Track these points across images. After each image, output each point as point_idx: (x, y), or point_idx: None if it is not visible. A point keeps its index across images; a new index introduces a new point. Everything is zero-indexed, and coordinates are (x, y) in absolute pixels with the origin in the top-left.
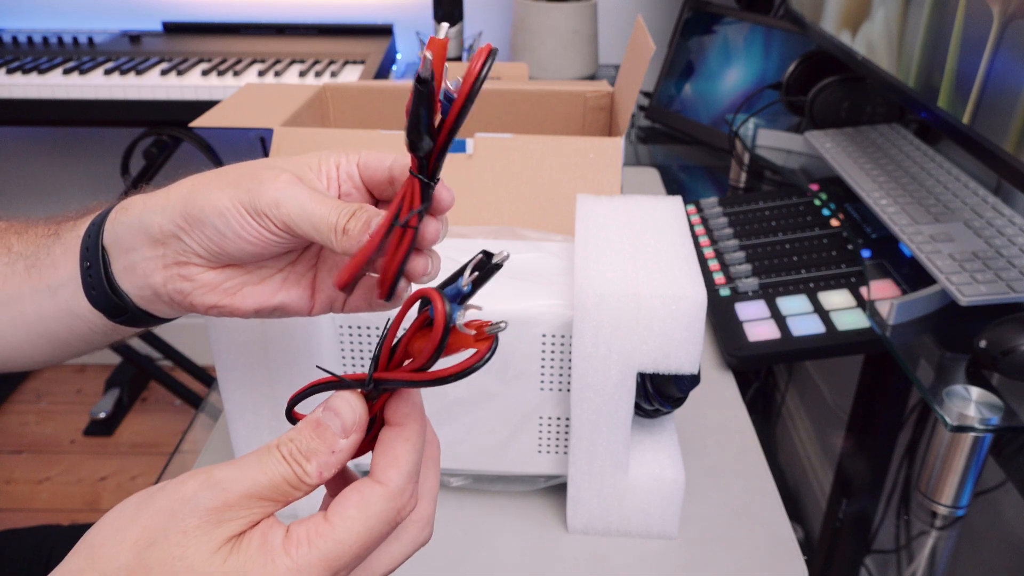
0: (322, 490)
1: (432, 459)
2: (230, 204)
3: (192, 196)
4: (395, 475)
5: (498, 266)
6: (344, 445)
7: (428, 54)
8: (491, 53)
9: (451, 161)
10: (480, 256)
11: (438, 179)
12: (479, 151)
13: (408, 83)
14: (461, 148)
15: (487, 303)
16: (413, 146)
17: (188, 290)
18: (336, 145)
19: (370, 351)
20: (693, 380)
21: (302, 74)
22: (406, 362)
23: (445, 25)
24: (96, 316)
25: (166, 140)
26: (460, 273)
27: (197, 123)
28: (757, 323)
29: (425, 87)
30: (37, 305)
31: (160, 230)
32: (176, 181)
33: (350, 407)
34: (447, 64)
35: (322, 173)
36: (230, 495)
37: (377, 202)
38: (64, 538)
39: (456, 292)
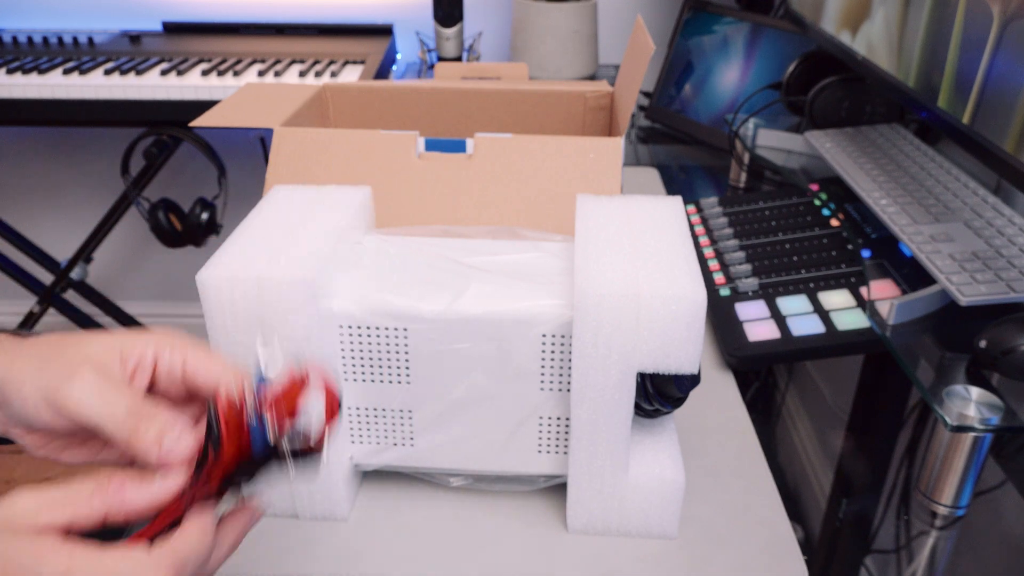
0: None
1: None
2: (30, 392)
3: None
4: None
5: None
6: None
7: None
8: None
9: (451, 161)
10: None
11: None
12: (479, 151)
13: (408, 83)
14: (461, 148)
15: (486, 305)
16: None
17: (19, 440)
18: (339, 144)
19: (371, 351)
20: (693, 380)
21: (302, 74)
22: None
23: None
24: None
25: (166, 140)
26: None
27: (197, 123)
28: (757, 323)
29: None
30: None
31: None
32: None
33: None
34: None
35: (128, 364)
36: None
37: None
38: None
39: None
